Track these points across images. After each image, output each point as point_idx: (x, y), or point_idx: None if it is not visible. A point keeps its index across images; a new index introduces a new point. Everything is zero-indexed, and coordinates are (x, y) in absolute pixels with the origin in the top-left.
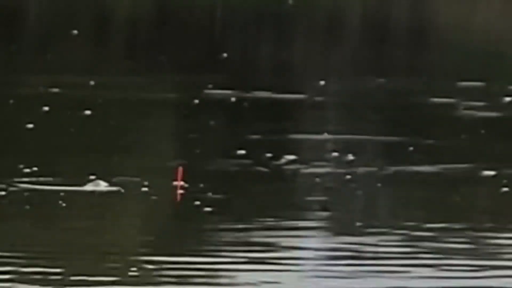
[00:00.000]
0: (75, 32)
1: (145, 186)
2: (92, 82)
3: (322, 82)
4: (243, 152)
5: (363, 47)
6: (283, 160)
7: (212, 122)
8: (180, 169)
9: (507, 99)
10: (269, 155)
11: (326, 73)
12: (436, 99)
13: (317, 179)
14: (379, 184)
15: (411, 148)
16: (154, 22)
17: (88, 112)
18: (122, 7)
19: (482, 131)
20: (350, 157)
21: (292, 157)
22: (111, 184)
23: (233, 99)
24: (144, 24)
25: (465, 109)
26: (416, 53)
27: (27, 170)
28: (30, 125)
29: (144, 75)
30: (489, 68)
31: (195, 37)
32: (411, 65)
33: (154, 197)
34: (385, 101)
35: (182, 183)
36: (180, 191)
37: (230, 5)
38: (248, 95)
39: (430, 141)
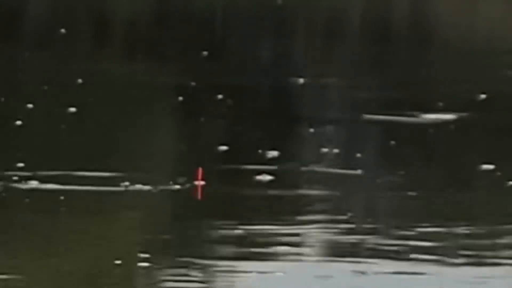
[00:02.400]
0: (63, 31)
1: (126, 180)
2: (80, 80)
3: (301, 80)
4: (230, 147)
5: (360, 46)
6: (269, 156)
7: (202, 119)
8: (200, 169)
9: (482, 96)
10: (254, 150)
11: (316, 71)
12: (433, 98)
13: (304, 174)
14: (373, 178)
15: (408, 145)
16: (151, 22)
17: (73, 109)
18: (121, 7)
19: (478, 127)
20: (337, 151)
21: (277, 153)
22: (104, 179)
23: (220, 96)
24: (141, 24)
25: (461, 106)
26: (416, 52)
27: (21, 165)
28: (19, 122)
29: (137, 73)
30: (487, 67)
31: (183, 35)
32: (411, 64)
33: (147, 192)
34: (380, 99)
35: (202, 182)
36: (199, 189)
37: (222, 6)
38: (235, 92)
39: (427, 138)
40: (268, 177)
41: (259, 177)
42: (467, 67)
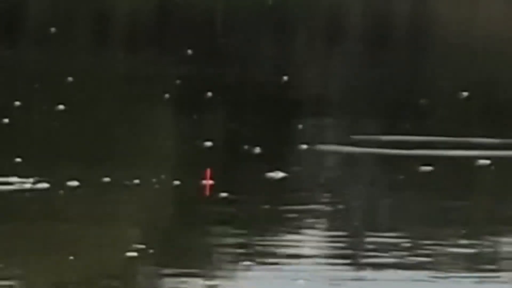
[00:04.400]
0: (53, 29)
1: (108, 177)
2: (70, 79)
3: (285, 78)
4: (215, 143)
5: (354, 46)
6: (256, 152)
7: (194, 116)
8: (208, 170)
9: (465, 93)
10: (241, 146)
11: (306, 69)
12: (432, 96)
13: (286, 169)
14: (371, 173)
15: (405, 143)
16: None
17: (61, 106)
18: (120, 5)
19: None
20: (325, 147)
21: (259, 150)
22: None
23: (209, 93)
24: (137, 23)
25: (443, 103)
26: (411, 51)
27: (18, 160)
28: (6, 120)
29: (128, 71)
30: (479, 66)
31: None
32: (410, 63)
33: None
34: (374, 96)
35: (211, 181)
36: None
37: (222, 6)
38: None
39: (424, 134)
40: (280, 174)
41: (271, 174)
42: (459, 66)
